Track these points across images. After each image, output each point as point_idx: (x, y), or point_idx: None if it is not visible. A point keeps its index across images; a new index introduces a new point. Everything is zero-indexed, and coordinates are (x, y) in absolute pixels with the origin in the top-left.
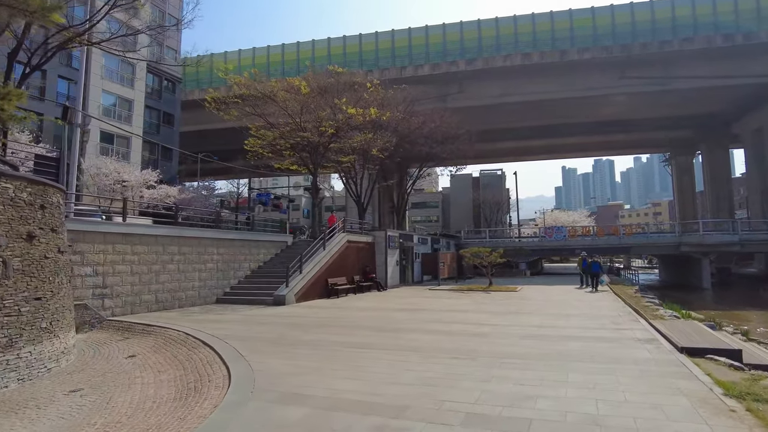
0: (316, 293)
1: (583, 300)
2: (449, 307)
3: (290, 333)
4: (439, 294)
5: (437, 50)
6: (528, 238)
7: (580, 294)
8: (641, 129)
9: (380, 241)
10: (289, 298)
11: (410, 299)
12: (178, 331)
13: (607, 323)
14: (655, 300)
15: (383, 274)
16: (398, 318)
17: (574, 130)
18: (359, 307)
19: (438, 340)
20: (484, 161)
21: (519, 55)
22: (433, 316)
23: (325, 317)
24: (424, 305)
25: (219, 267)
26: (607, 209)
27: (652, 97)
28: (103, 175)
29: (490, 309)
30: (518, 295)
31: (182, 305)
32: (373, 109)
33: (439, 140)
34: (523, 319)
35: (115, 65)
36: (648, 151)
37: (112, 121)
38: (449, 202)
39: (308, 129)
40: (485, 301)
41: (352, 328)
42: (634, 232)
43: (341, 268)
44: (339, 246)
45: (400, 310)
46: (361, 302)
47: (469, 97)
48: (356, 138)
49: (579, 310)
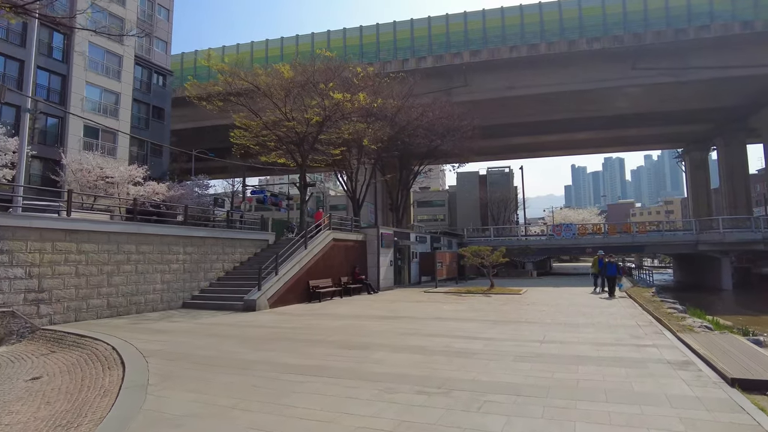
0: (294, 297)
1: (595, 306)
2: (439, 314)
3: (236, 349)
4: (434, 297)
5: (440, 42)
6: (535, 237)
7: (591, 299)
8: (653, 123)
9: (372, 239)
10: (260, 303)
11: (399, 304)
12: (107, 345)
13: (625, 336)
14: (677, 305)
15: (375, 276)
16: (374, 329)
17: (583, 125)
18: (337, 314)
19: (410, 362)
20: (490, 158)
21: (526, 47)
22: (415, 326)
23: (291, 328)
24: (411, 311)
25: (186, 268)
26: (617, 207)
27: (665, 89)
28: (86, 171)
29: (486, 316)
30: (521, 299)
31: (141, 310)
32: (362, 94)
33: (441, 133)
34: (524, 331)
35: (100, 56)
36: (660, 146)
37: (98, 115)
38: (456, 201)
39: (294, 118)
40: (482, 306)
41: (313, 343)
42: (648, 230)
43: (326, 269)
44: (323, 245)
45: (381, 319)
46: (342, 308)
47: (474, 90)
48: (345, 127)
49: (590, 318)
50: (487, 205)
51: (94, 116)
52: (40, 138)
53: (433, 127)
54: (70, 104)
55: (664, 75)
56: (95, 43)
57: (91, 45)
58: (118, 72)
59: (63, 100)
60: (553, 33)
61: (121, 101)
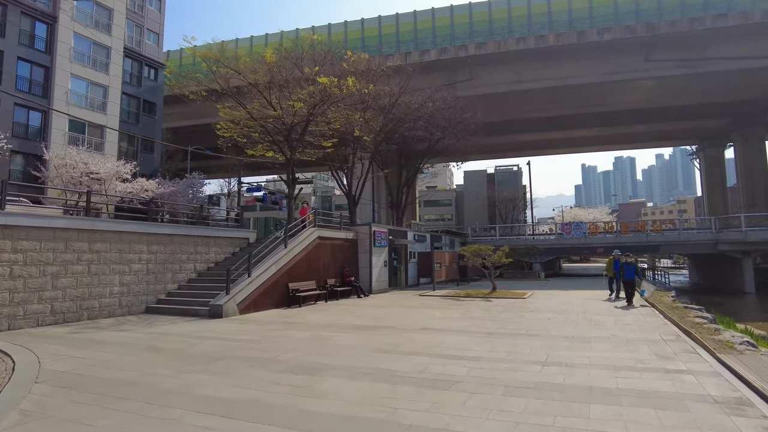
0: (271, 302)
1: (609, 314)
2: (427, 323)
3: (162, 371)
4: (428, 302)
5: (445, 34)
6: (543, 236)
7: (605, 306)
8: (666, 119)
9: (364, 238)
10: (228, 309)
11: (387, 310)
12: (10, 361)
13: (650, 357)
14: (705, 314)
15: (367, 277)
16: (343, 343)
17: (593, 120)
18: (309, 322)
19: (366, 396)
20: (496, 156)
21: (533, 38)
22: (394, 340)
23: (247, 341)
24: (396, 319)
25: (151, 268)
26: (628, 207)
27: (679, 81)
28: (69, 166)
29: (481, 326)
30: (525, 305)
31: (94, 316)
32: (350, 79)
33: (442, 125)
34: (523, 347)
35: (87, 48)
36: (674, 143)
37: (84, 109)
38: (463, 200)
39: (281, 107)
40: (480, 313)
41: (260, 363)
42: (664, 228)
43: (309, 270)
44: (306, 243)
45: (357, 329)
46: (319, 315)
47: (480, 84)
48: (332, 115)
49: (604, 329)
50: (495, 205)
51: (80, 110)
52: (20, 132)
53: (433, 119)
54: (54, 97)
55: (679, 67)
56: (81, 34)
57: (77, 36)
58: (106, 64)
59: (46, 93)
60: (562, 24)
61: (109, 95)
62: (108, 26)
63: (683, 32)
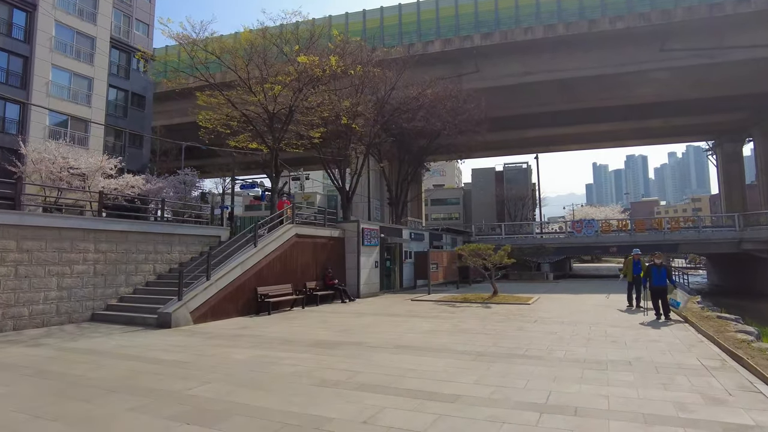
0: (235, 308)
1: (628, 325)
2: (404, 339)
3: (27, 406)
4: (418, 309)
5: (449, 24)
6: (552, 234)
7: (622, 315)
8: (682, 113)
9: (352, 236)
10: (179, 318)
11: (365, 319)
12: None
13: (692, 398)
14: (745, 326)
15: (355, 279)
16: (286, 370)
17: (606, 115)
18: (266, 336)
19: None
20: (504, 153)
21: (542, 27)
22: (353, 365)
23: (172, 363)
24: (371, 332)
25: (99, 270)
26: (641, 205)
27: (696, 72)
28: (48, 161)
29: (470, 343)
30: (529, 312)
31: (21, 326)
32: (333, 57)
33: (444, 117)
34: (518, 376)
35: (69, 37)
36: (690, 139)
37: (66, 101)
38: (470, 198)
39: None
40: (474, 323)
41: (158, 400)
42: (682, 226)
43: (285, 273)
44: (281, 242)
45: (316, 347)
46: (284, 325)
47: (486, 77)
48: (312, 99)
49: (624, 348)
50: (503, 203)
51: (62, 103)
52: None
53: (434, 109)
54: (33, 89)
55: (696, 56)
56: (63, 22)
57: (59, 25)
58: (91, 55)
59: (25, 84)
60: (572, 13)
61: (94, 87)
62: (93, 15)
63: (701, 19)
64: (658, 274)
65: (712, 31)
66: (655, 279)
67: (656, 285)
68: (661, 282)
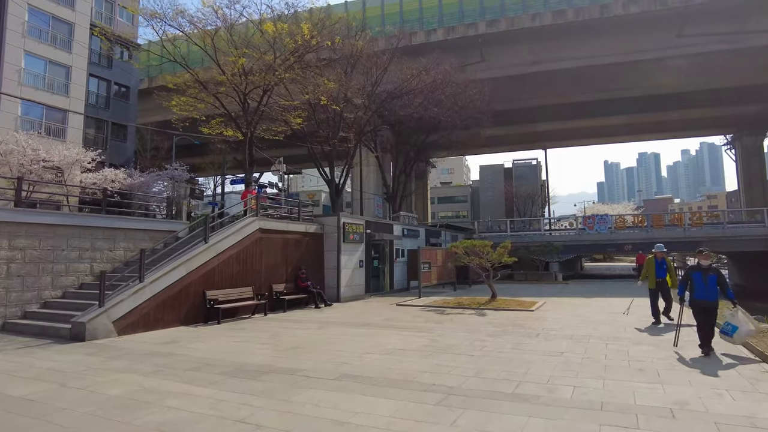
0: (175, 316)
1: (656, 341)
2: (358, 364)
3: None
4: (400, 316)
5: (453, 12)
6: (561, 231)
7: (650, 331)
8: (700, 104)
9: (332, 231)
10: (96, 328)
11: (328, 331)
12: None
13: None
14: None
15: (334, 281)
16: (153, 418)
17: (618, 107)
18: (188, 356)
19: None
20: (513, 148)
21: (550, 13)
22: (261, 413)
23: (15, 400)
24: (322, 352)
25: (14, 270)
26: (654, 203)
27: (717, 60)
28: (18, 153)
29: (444, 371)
30: (531, 322)
31: None
32: (305, 25)
33: (444, 102)
34: None
35: (45, 22)
36: (706, 132)
37: (41, 90)
38: (479, 196)
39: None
40: (459, 338)
41: None
42: (705, 222)
43: (244, 274)
44: (240, 238)
45: (231, 377)
46: (223, 340)
47: (493, 66)
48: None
49: (659, 386)
50: (512, 200)
51: (36, 92)
52: None
53: (433, 94)
54: (3, 77)
55: (717, 42)
56: (37, 6)
57: (32, 9)
58: (68, 42)
59: None
60: None
61: (72, 76)
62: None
63: (723, 0)
64: (704, 282)
65: (735, 14)
66: (700, 290)
67: (702, 299)
68: (711, 296)
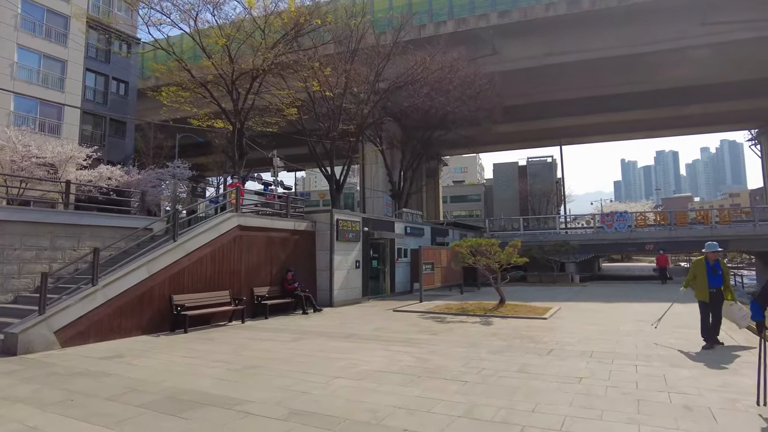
0: (136, 323)
1: (702, 363)
2: (323, 393)
3: None
4: (391, 325)
5: (463, 3)
6: (578, 230)
7: (689, 346)
8: (723, 97)
9: (324, 229)
10: (34, 340)
11: (301, 344)
12: None
13: None
14: None
15: (327, 284)
16: None
17: (637, 101)
18: (122, 377)
19: None
20: (527, 145)
21: (565, 3)
22: None
23: None
24: (286, 372)
25: None
26: (673, 201)
27: (742, 49)
28: (9, 149)
29: (426, 406)
30: (543, 334)
31: None
32: (291, 1)
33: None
34: None
35: (39, 15)
36: (729, 127)
37: (35, 85)
38: (492, 195)
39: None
40: (453, 356)
41: None
42: (734, 219)
43: (222, 276)
44: (215, 235)
45: (156, 410)
46: (179, 354)
47: (505, 59)
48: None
49: None
50: (527, 199)
51: (30, 86)
52: None
53: (440, 84)
54: None
55: (742, 30)
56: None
57: (26, 1)
58: (64, 35)
59: None
60: None
61: (68, 70)
62: None
63: None
64: None
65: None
66: None
67: None
68: None
